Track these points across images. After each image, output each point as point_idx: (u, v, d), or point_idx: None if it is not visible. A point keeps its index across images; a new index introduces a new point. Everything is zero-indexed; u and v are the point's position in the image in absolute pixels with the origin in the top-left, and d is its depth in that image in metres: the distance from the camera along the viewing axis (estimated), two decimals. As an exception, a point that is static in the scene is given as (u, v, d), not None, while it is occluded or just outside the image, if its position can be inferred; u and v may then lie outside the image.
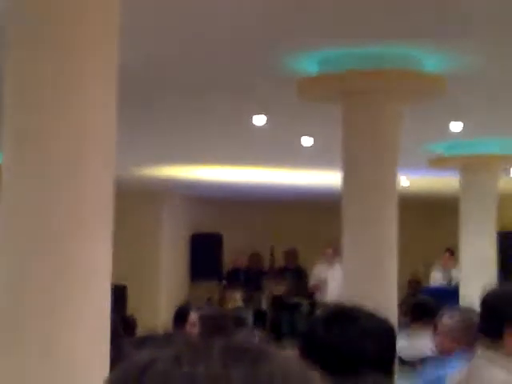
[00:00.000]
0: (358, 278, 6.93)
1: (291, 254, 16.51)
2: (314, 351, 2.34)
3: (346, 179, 7.23)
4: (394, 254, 7.09)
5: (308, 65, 6.91)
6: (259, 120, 9.05)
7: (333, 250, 14.02)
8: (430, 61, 6.82)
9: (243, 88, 7.81)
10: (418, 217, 16.73)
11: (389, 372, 2.39)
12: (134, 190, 14.57)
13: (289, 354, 0.92)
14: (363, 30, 6.22)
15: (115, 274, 3.85)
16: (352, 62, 6.75)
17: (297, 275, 15.92)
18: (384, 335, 2.39)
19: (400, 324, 6.72)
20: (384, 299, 6.70)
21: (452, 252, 13.13)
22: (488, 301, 3.38)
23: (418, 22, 6.01)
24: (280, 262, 16.90)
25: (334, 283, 13.67)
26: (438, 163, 11.48)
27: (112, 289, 3.82)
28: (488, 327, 3.29)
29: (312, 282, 15.27)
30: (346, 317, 2.42)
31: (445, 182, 12.97)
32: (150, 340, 2.15)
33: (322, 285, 14.79)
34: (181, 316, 6.91)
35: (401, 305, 7.77)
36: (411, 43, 6.50)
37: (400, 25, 6.07)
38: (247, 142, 10.74)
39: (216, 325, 5.62)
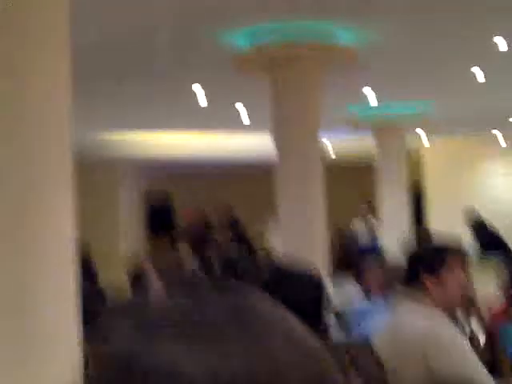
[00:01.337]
0: (292, 232, 6.84)
1: (228, 210, 16.38)
2: None
3: (276, 142, 7.12)
4: (323, 208, 7.02)
5: (239, 39, 6.87)
6: (197, 92, 8.85)
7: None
8: (344, 34, 6.87)
9: (184, 61, 7.62)
10: (341, 176, 16.74)
11: (319, 319, 2.28)
12: (93, 156, 14.29)
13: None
14: (288, 8, 6.21)
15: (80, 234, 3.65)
16: (277, 37, 6.73)
17: (234, 226, 15.80)
18: (312, 287, 2.30)
19: (329, 272, 6.65)
20: (315, 250, 6.65)
21: (369, 203, 13.15)
22: (409, 253, 3.28)
23: (333, 2, 6.06)
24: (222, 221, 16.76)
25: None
26: (355, 125, 11.43)
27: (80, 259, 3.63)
28: (408, 272, 3.19)
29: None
30: (283, 280, 2.34)
31: (362, 142, 12.94)
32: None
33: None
34: (136, 276, 6.72)
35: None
36: (328, 19, 6.54)
37: (319, 4, 6.08)
38: (188, 109, 10.54)
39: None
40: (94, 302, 3.70)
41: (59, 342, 3.35)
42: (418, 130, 12.96)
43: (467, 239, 12.87)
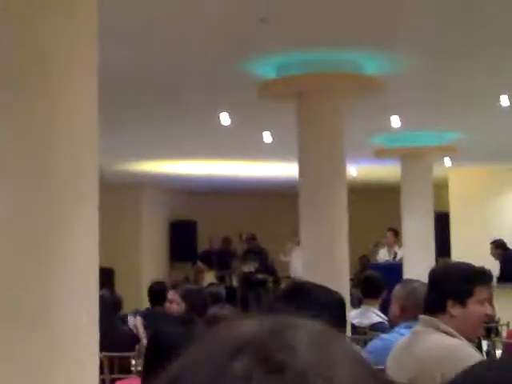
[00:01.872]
0: (315, 257, 6.91)
1: (251, 239, 16.48)
2: None
3: (301, 170, 7.22)
4: (345, 234, 7.08)
5: (267, 69, 6.95)
6: (225, 119, 9.00)
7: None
8: (370, 64, 6.93)
9: (211, 91, 7.76)
10: (366, 202, 16.78)
11: None
12: (118, 183, 14.48)
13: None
14: (313, 40, 6.31)
15: (103, 258, 3.77)
16: (303, 67, 6.82)
17: (259, 256, 15.90)
18: (334, 305, 2.34)
19: (352, 296, 6.69)
20: (338, 275, 6.70)
21: (395, 232, 13.15)
22: (432, 277, 3.33)
23: (358, 33, 6.14)
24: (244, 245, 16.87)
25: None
26: (381, 154, 11.50)
27: (100, 271, 3.75)
28: (432, 300, 3.24)
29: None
30: (301, 291, 2.37)
31: (388, 170, 12.99)
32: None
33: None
34: (154, 293, 6.90)
35: (352, 279, 7.74)
36: (354, 50, 6.60)
37: (345, 34, 6.18)
38: (215, 139, 10.70)
39: (196, 300, 5.55)
40: (110, 309, 3.82)
41: (80, 352, 3.48)
42: (445, 159, 12.98)
43: (492, 269, 12.83)
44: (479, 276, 3.22)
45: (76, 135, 3.68)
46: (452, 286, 3.15)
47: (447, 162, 13.32)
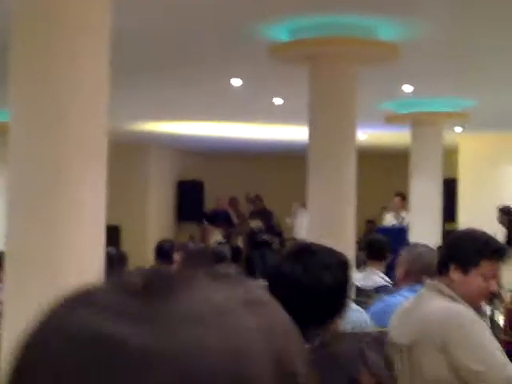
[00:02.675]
0: (322, 219, 7.00)
1: (256, 200, 16.54)
2: (280, 284, 2.36)
3: (311, 133, 7.27)
4: (353, 198, 7.16)
5: (279, 33, 6.92)
6: (236, 81, 9.03)
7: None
8: (385, 30, 6.88)
9: (223, 53, 7.79)
10: (375, 167, 16.83)
11: (344, 299, 2.42)
12: (127, 142, 14.56)
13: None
14: (327, 3, 6.27)
15: (110, 216, 3.87)
16: (317, 31, 6.79)
17: (265, 216, 15.98)
18: (339, 267, 2.41)
19: (358, 259, 6.79)
20: (344, 237, 6.79)
21: (403, 196, 13.20)
22: (446, 239, 3.40)
23: None
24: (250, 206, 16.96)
25: None
26: (392, 120, 11.53)
27: (107, 228, 3.85)
28: (438, 262, 3.33)
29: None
30: (307, 252, 2.44)
31: (398, 136, 13.03)
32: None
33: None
34: (161, 251, 6.85)
35: (358, 242, 7.84)
36: (368, 14, 6.54)
37: None
38: (225, 101, 10.73)
39: (200, 260, 5.63)
40: (114, 265, 3.92)
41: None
42: (456, 126, 13.00)
43: (499, 236, 12.92)
44: (490, 250, 3.20)
45: (86, 94, 3.76)
46: (459, 251, 3.21)
47: (458, 128, 13.33)
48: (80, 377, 0.54)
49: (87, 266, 3.64)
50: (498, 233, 12.93)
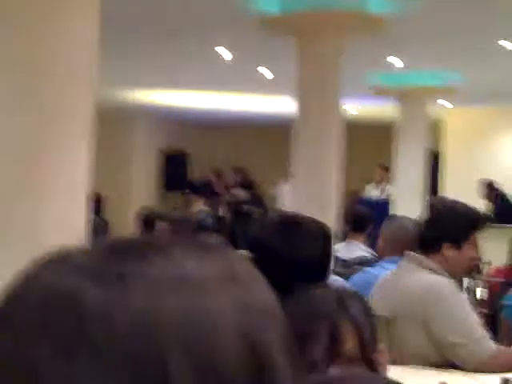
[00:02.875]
0: (307, 189, 7.01)
1: (239, 171, 16.54)
2: (262, 254, 2.36)
3: (298, 105, 7.26)
4: (337, 170, 7.18)
5: (267, 4, 6.91)
6: (224, 53, 8.98)
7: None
8: (373, 2, 6.86)
9: (211, 23, 7.74)
10: (362, 140, 16.83)
11: (325, 269, 2.43)
12: (112, 111, 14.46)
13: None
14: None
15: (95, 184, 3.85)
16: (305, 4, 6.79)
17: (249, 187, 16.00)
18: (322, 237, 2.42)
19: (340, 229, 6.80)
20: (326, 209, 6.81)
21: (386, 168, 13.19)
22: (431, 215, 3.41)
23: None
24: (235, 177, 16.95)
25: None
26: (380, 92, 11.52)
27: (92, 197, 3.82)
28: (427, 239, 3.32)
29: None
30: (290, 223, 2.44)
31: (386, 109, 13.02)
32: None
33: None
34: (146, 221, 6.84)
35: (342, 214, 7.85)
36: None
37: None
38: (213, 72, 10.67)
39: (182, 228, 5.62)
40: (97, 233, 3.89)
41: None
42: (442, 100, 13.00)
43: (482, 208, 13.03)
44: (478, 221, 3.28)
45: (72, 53, 3.67)
46: (451, 230, 3.22)
47: (445, 102, 13.33)
48: (43, 331, 0.57)
49: (69, 235, 3.62)
50: (481, 207, 13.03)
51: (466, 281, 4.79)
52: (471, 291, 4.74)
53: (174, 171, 17.27)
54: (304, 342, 1.57)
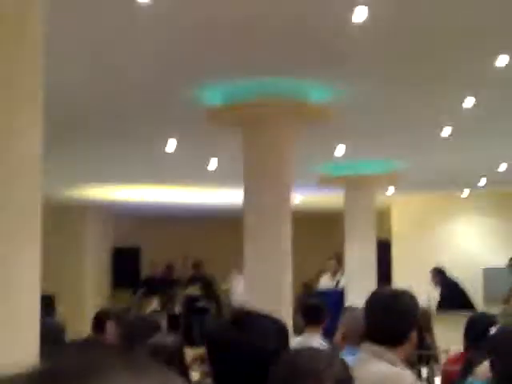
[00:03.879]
0: (258, 284, 6.92)
1: (197, 265, 16.48)
2: (218, 351, 2.32)
3: (246, 197, 7.24)
4: (289, 263, 7.11)
5: (213, 95, 6.97)
6: (171, 146, 9.02)
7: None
8: (317, 92, 6.97)
9: (158, 116, 7.79)
10: (310, 230, 16.91)
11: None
12: (62, 207, 14.34)
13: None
14: (258, 68, 6.33)
15: (45, 284, 3.74)
16: (248, 94, 6.84)
17: (204, 283, 15.90)
18: (278, 333, 2.38)
19: (295, 323, 6.73)
20: (281, 302, 6.73)
21: (338, 259, 13.26)
22: (394, 306, 3.37)
23: (305, 61, 6.17)
24: (190, 271, 16.84)
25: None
26: (326, 182, 11.63)
27: (41, 297, 3.71)
28: (396, 330, 3.27)
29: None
30: (245, 320, 2.40)
31: (332, 198, 13.16)
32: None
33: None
34: (99, 323, 6.74)
35: (296, 307, 7.79)
36: (300, 78, 6.63)
37: (290, 63, 6.21)
38: (161, 166, 10.71)
39: (134, 330, 5.50)
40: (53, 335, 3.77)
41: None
42: (389, 187, 13.18)
43: (432, 295, 13.10)
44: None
45: (16, 158, 3.63)
46: (415, 317, 3.27)
47: (390, 190, 13.53)
48: None
49: (23, 338, 3.49)
50: (431, 293, 13.10)
51: (424, 371, 4.74)
52: (430, 381, 4.69)
53: (126, 267, 17.09)
54: None
